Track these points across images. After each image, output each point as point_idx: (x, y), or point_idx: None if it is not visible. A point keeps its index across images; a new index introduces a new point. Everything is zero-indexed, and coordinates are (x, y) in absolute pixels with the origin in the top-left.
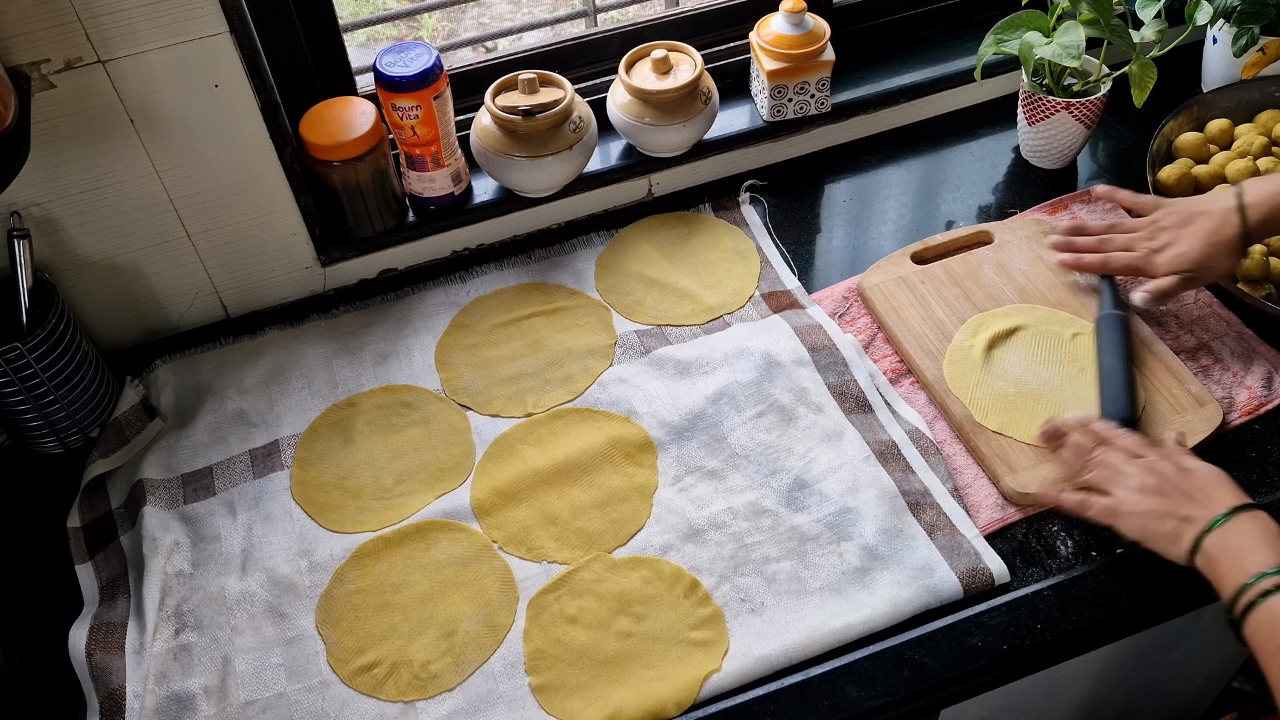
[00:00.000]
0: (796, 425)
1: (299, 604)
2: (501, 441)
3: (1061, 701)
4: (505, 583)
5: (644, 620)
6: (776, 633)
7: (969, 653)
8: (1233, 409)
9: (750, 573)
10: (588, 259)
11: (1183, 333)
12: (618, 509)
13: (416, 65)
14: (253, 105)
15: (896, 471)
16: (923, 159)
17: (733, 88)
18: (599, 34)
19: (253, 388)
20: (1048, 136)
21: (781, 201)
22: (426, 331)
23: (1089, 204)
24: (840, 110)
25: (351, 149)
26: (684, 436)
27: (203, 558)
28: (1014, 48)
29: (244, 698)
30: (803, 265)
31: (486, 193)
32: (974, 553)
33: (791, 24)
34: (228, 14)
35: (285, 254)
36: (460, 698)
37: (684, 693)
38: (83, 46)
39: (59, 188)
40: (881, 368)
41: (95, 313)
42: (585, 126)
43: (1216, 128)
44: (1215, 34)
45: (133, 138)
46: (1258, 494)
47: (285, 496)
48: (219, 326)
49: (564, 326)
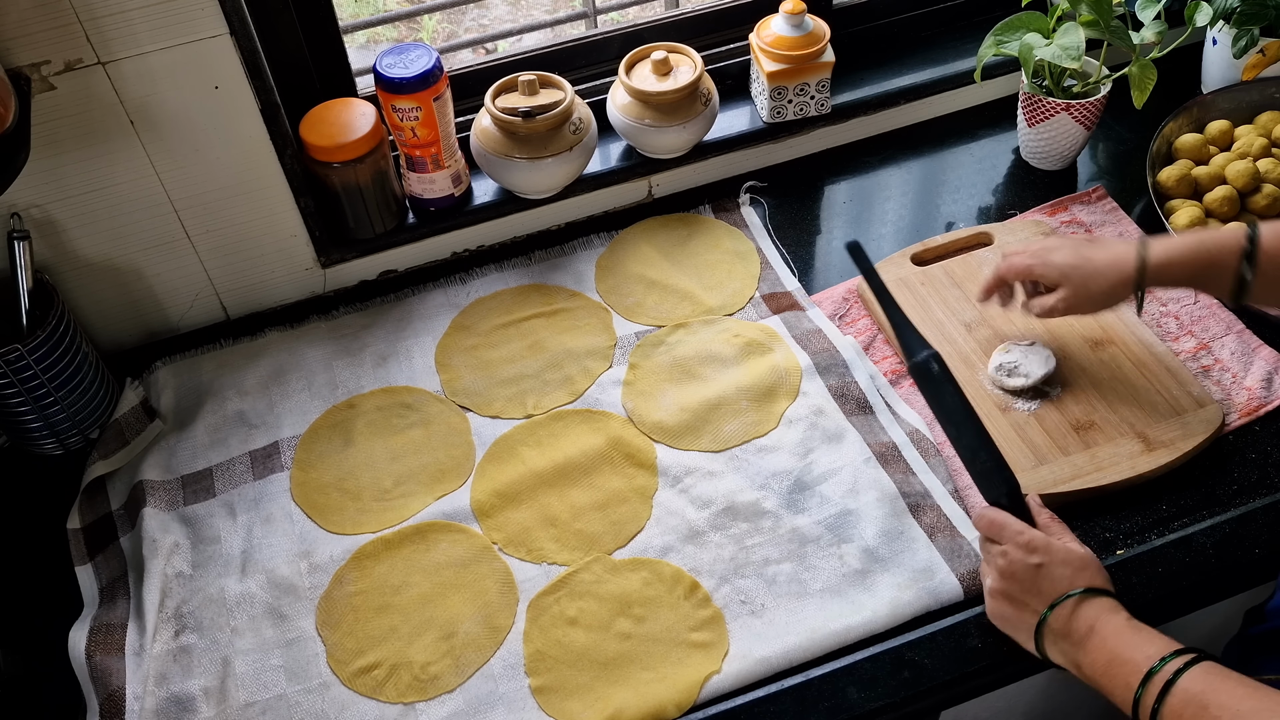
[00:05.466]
0: (796, 427)
1: (299, 605)
2: (501, 443)
3: (1062, 703)
4: (505, 584)
5: (644, 622)
6: (777, 634)
7: (969, 654)
8: (1232, 410)
9: (750, 574)
10: (588, 260)
11: (1183, 334)
12: (618, 510)
13: (416, 67)
14: (253, 106)
15: (897, 473)
16: (923, 160)
17: (733, 89)
18: (599, 35)
19: (253, 389)
20: (1048, 138)
21: (781, 203)
22: (426, 333)
23: (1089, 205)
24: (840, 111)
25: (351, 150)
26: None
27: (203, 559)
28: (1014, 49)
29: (244, 699)
30: (803, 266)
31: (486, 194)
32: (974, 554)
33: (791, 25)
34: (228, 15)
35: (285, 255)
36: (460, 699)
37: (684, 694)
38: (83, 48)
39: (59, 189)
40: (882, 369)
41: (95, 314)
42: (585, 128)
43: (1216, 129)
44: (1215, 35)
45: (133, 139)
46: (1256, 496)
47: (285, 498)
48: (219, 328)
49: (564, 328)
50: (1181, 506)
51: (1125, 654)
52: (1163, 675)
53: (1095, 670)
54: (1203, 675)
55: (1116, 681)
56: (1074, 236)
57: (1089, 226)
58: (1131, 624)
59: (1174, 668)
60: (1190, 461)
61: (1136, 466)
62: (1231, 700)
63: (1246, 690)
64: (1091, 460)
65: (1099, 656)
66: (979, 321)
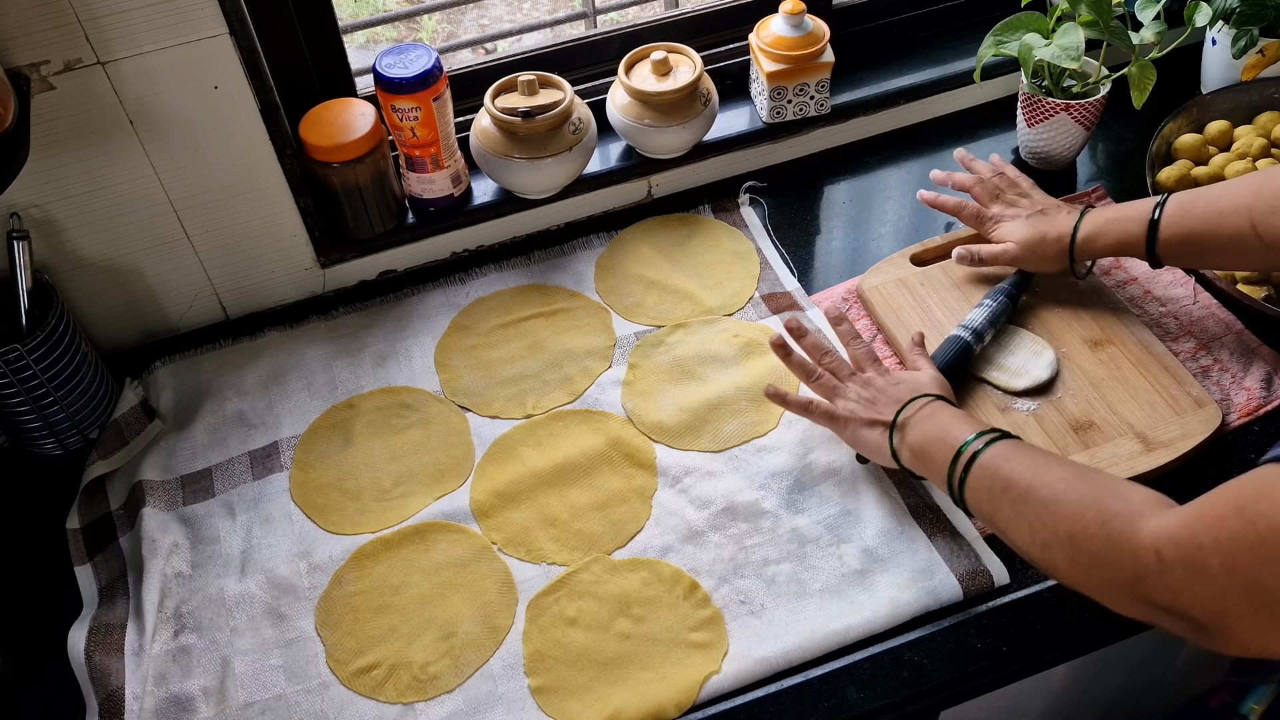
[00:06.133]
0: (796, 427)
1: (298, 605)
2: (501, 443)
3: (1062, 703)
4: (505, 584)
5: (643, 622)
6: (776, 634)
7: (969, 654)
8: (1232, 410)
9: (750, 574)
10: (587, 260)
11: (1182, 334)
12: (617, 510)
13: (416, 67)
14: (252, 106)
15: (896, 473)
16: (922, 160)
17: (732, 89)
18: (599, 35)
19: (252, 389)
20: (1047, 138)
21: (781, 203)
22: (426, 333)
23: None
24: (840, 112)
25: (351, 150)
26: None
27: (202, 559)
28: (1013, 49)
29: (243, 699)
30: (802, 267)
31: (486, 194)
32: (974, 554)
33: (791, 25)
34: (227, 15)
35: (285, 255)
36: (460, 699)
37: (683, 694)
38: (82, 48)
39: (58, 189)
40: None
41: (94, 314)
42: (585, 128)
43: (1216, 129)
44: (1214, 35)
45: (132, 139)
46: None
47: (284, 498)
48: (218, 328)
49: (563, 328)
50: None
51: (945, 434)
52: (970, 450)
53: (919, 449)
54: (1003, 449)
55: (936, 460)
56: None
57: None
58: (957, 413)
59: (980, 444)
60: (1190, 462)
61: (1136, 467)
62: (1022, 467)
63: (1035, 459)
64: (1091, 460)
65: (926, 435)
66: None
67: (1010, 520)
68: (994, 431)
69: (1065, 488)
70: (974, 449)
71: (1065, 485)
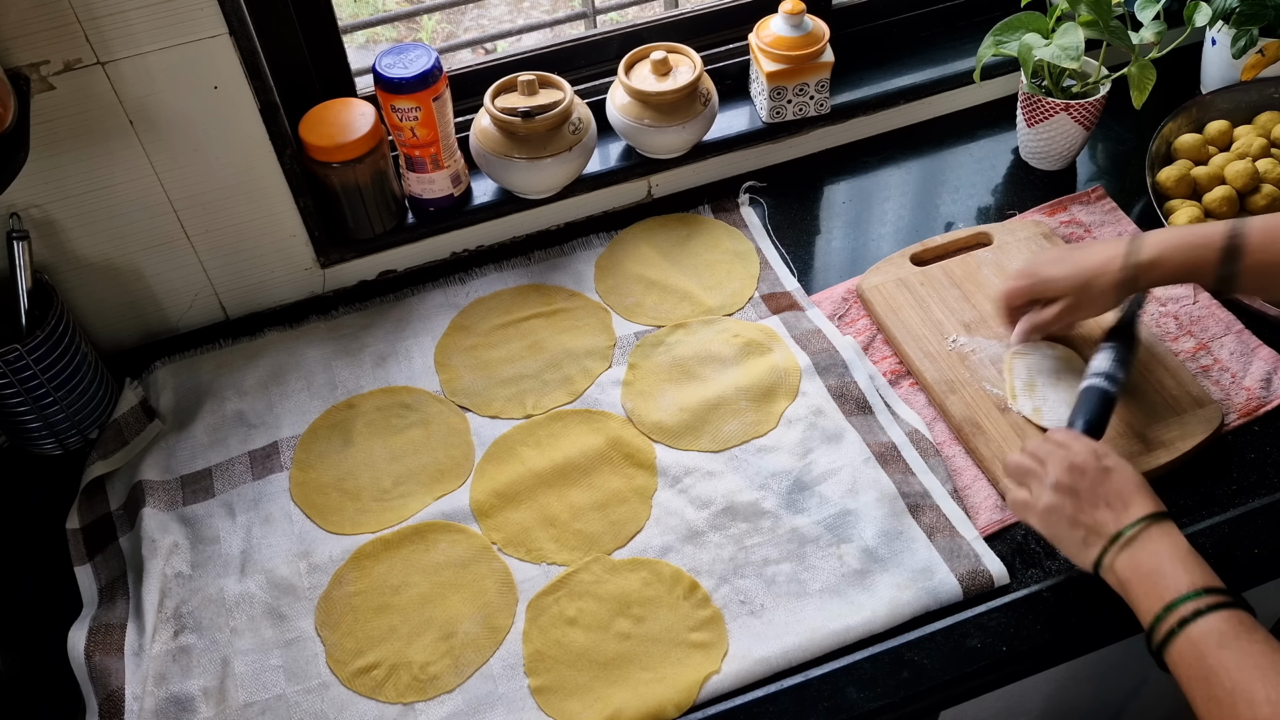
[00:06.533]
0: (796, 427)
1: (298, 605)
2: (501, 443)
3: (1061, 703)
4: (504, 584)
5: (643, 622)
6: (776, 634)
7: (968, 654)
8: (1231, 410)
9: (750, 574)
10: (587, 260)
11: (1182, 334)
12: (617, 510)
13: (416, 67)
14: (252, 107)
15: (896, 473)
16: (922, 160)
17: (732, 89)
18: (598, 35)
19: (252, 389)
20: (1047, 138)
21: (781, 203)
22: (426, 333)
23: (1088, 205)
24: (839, 112)
25: (351, 150)
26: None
27: (202, 559)
28: (1013, 49)
29: (243, 699)
30: (802, 267)
31: (486, 194)
32: (974, 554)
33: (791, 25)
34: (227, 15)
35: (284, 255)
36: (459, 699)
37: (683, 694)
38: (82, 48)
39: (58, 189)
40: (881, 369)
41: (94, 314)
42: (585, 128)
43: (1215, 129)
44: (1214, 35)
45: (132, 139)
46: (1256, 496)
47: (284, 498)
48: (218, 328)
49: (563, 328)
50: (1180, 507)
51: (1158, 579)
52: (1179, 615)
53: (1123, 580)
54: (1219, 627)
55: (1139, 603)
56: (1059, 246)
57: (1088, 227)
58: (1177, 545)
59: (1190, 609)
60: (1189, 461)
61: (1135, 466)
62: (1233, 663)
63: (1254, 658)
64: None
65: (1135, 570)
66: (978, 321)
67: (1201, 715)
68: (1213, 594)
69: (1273, 712)
70: (1182, 614)
71: (1273, 710)
